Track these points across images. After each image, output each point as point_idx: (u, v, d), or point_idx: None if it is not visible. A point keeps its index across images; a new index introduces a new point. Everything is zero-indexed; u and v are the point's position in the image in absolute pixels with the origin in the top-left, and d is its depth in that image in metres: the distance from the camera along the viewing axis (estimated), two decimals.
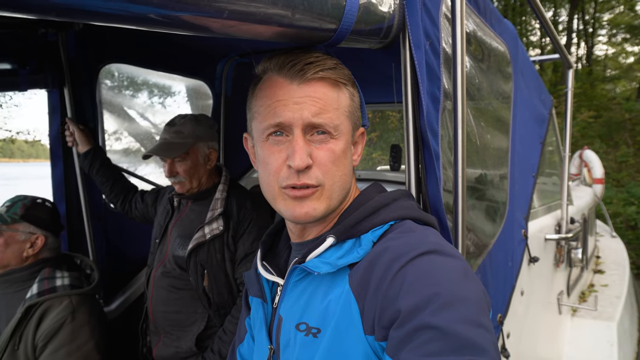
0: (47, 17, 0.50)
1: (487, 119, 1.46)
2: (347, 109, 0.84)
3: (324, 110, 0.79)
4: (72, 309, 1.58)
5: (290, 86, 0.79)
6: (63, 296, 1.60)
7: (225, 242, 1.77)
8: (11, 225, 1.65)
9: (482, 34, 1.41)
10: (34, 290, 1.60)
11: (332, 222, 0.88)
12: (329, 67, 0.80)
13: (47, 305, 1.56)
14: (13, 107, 11.22)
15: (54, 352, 1.50)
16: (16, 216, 1.67)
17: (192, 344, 1.75)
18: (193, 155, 1.81)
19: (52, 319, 1.54)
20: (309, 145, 0.79)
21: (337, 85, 0.82)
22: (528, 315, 1.89)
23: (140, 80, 2.70)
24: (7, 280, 1.65)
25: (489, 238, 1.43)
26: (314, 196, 0.80)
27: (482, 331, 0.63)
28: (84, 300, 1.65)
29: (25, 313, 1.54)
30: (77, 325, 1.57)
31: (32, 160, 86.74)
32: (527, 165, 2.03)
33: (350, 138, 0.86)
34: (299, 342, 0.80)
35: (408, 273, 0.69)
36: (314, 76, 0.78)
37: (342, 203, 0.87)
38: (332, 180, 0.81)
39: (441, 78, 1.04)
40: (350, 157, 0.87)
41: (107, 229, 2.31)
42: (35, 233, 1.70)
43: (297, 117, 0.78)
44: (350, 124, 0.85)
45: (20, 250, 1.66)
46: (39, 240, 1.70)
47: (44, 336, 1.51)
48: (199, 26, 0.61)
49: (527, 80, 2.01)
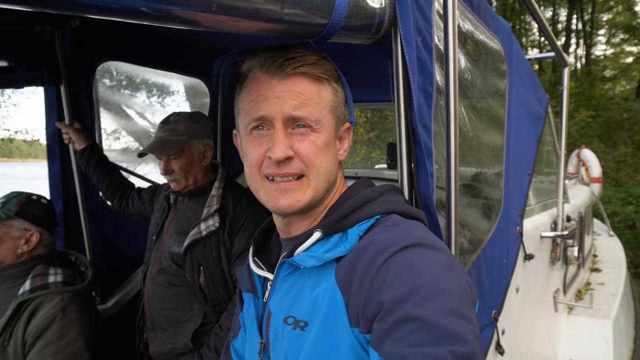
0: (38, 8, 0.50)
1: (482, 116, 1.46)
2: (330, 103, 0.85)
3: (305, 104, 0.81)
4: (63, 306, 1.57)
5: (272, 81, 0.81)
6: (55, 293, 1.59)
7: (221, 238, 1.77)
8: (6, 222, 1.65)
9: (476, 31, 1.41)
10: (26, 286, 1.60)
11: (319, 217, 0.89)
12: (310, 62, 0.82)
13: (39, 301, 1.56)
14: (11, 106, 11.19)
15: (42, 349, 1.49)
16: (11, 212, 1.66)
17: (188, 340, 1.75)
18: (188, 152, 1.81)
19: (42, 316, 1.53)
20: (290, 138, 0.81)
21: (319, 80, 0.84)
22: (523, 312, 1.89)
23: (137, 79, 2.71)
24: (0, 277, 1.65)
25: (483, 234, 1.44)
26: (298, 188, 0.82)
27: (464, 322, 0.64)
28: (76, 297, 1.64)
29: (16, 309, 1.53)
30: (67, 322, 1.55)
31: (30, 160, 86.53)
32: (522, 163, 2.03)
33: (334, 132, 0.87)
34: (287, 336, 0.81)
35: (392, 266, 0.69)
36: (294, 71, 0.81)
37: (328, 197, 0.89)
38: (316, 171, 0.83)
39: (434, 74, 1.04)
40: (335, 151, 0.88)
41: (103, 227, 2.31)
42: (29, 230, 1.69)
43: (277, 110, 0.80)
44: (334, 118, 0.86)
45: (15, 246, 1.66)
46: (33, 237, 1.69)
47: (33, 332, 1.50)
48: (188, 20, 0.61)
49: (523, 77, 2.02)
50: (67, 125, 2.06)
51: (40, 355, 1.48)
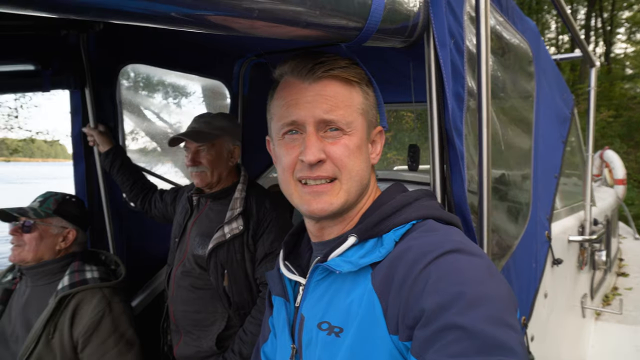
0: (71, 16, 0.50)
1: (510, 118, 1.44)
2: (361, 106, 0.85)
3: (336, 107, 0.81)
4: (107, 301, 1.63)
5: (302, 85, 0.82)
6: (95, 289, 1.65)
7: (245, 241, 1.77)
8: (45, 220, 1.71)
9: (505, 32, 1.39)
10: (65, 282, 1.65)
11: (353, 221, 0.88)
12: (340, 66, 0.82)
13: (80, 297, 1.61)
14: (33, 108, 11.47)
15: (101, 344, 1.57)
16: (49, 211, 1.72)
17: (212, 344, 1.75)
18: (218, 146, 1.83)
19: (89, 314, 1.59)
20: (322, 141, 0.81)
21: (349, 83, 0.83)
22: (551, 318, 1.85)
23: (159, 81, 2.73)
24: (38, 272, 1.70)
25: (512, 239, 1.41)
26: (331, 191, 0.82)
27: (509, 330, 0.62)
28: (115, 292, 1.71)
29: (58, 303, 1.59)
30: (115, 315, 1.63)
31: (51, 160, 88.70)
32: (549, 166, 1.99)
33: (366, 136, 0.86)
34: (321, 341, 0.80)
35: (432, 272, 0.68)
36: (324, 74, 0.81)
37: (361, 201, 0.88)
38: (348, 174, 0.82)
39: (465, 77, 1.03)
40: (367, 154, 0.87)
41: (127, 227, 2.34)
42: (67, 227, 1.76)
43: (309, 114, 0.80)
44: (365, 121, 0.86)
45: (54, 243, 1.72)
46: (70, 235, 1.76)
47: (85, 331, 1.56)
48: (228, 26, 0.61)
49: (549, 78, 1.98)
50: (92, 129, 2.09)
51: (102, 349, 1.56)
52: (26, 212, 1.68)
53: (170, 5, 0.54)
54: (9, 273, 1.83)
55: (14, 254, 1.67)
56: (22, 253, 1.66)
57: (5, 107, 14.40)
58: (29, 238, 1.67)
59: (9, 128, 10.95)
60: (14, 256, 1.67)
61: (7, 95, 13.90)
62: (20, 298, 1.71)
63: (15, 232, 1.67)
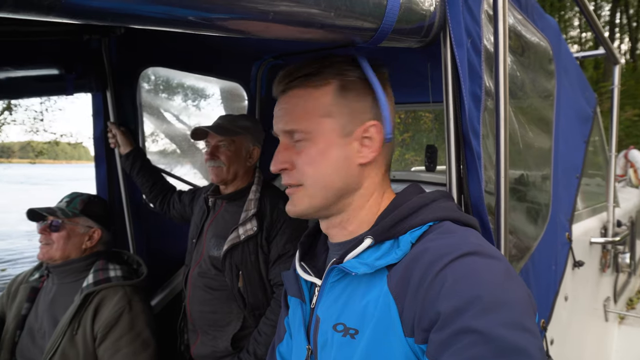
0: (92, 21, 0.52)
1: (529, 118, 1.42)
2: (327, 108, 0.83)
3: (294, 118, 0.85)
4: (128, 299, 1.68)
5: (277, 99, 0.90)
6: (117, 286, 1.70)
7: (259, 243, 1.78)
8: (72, 219, 1.76)
9: (524, 30, 1.37)
10: (89, 279, 1.70)
11: (351, 225, 0.88)
12: (304, 74, 0.85)
13: (103, 294, 1.66)
14: (57, 111, 11.80)
15: (117, 341, 1.60)
16: (76, 210, 1.78)
17: (228, 344, 1.77)
18: (238, 144, 1.86)
19: (110, 310, 1.63)
20: (291, 149, 0.87)
21: (314, 88, 0.84)
22: (572, 321, 1.82)
23: (178, 84, 2.77)
24: (65, 270, 1.76)
25: (531, 241, 1.39)
26: (296, 195, 0.87)
27: (528, 335, 0.61)
28: (136, 291, 1.75)
29: (83, 300, 1.64)
30: (134, 314, 1.67)
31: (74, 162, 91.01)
32: (570, 166, 1.96)
33: (339, 136, 0.84)
34: (337, 343, 0.80)
35: (448, 275, 0.67)
36: (286, 87, 0.87)
37: (351, 204, 0.87)
38: (311, 180, 0.85)
39: (482, 76, 1.02)
40: (344, 155, 0.84)
41: (147, 228, 2.38)
42: (92, 227, 1.81)
43: (277, 127, 0.88)
44: (335, 122, 0.84)
45: (80, 242, 1.77)
46: (95, 234, 1.82)
47: (104, 326, 1.61)
48: (243, 29, 0.62)
49: (571, 77, 1.94)
50: (115, 125, 2.14)
51: (116, 346, 1.60)
52: (54, 212, 1.74)
53: (188, 10, 0.55)
54: (36, 272, 1.89)
55: (43, 252, 1.73)
56: (50, 251, 1.72)
57: (32, 111, 14.87)
58: (57, 237, 1.73)
59: (34, 131, 11.28)
60: (43, 254, 1.73)
61: (32, 99, 14.36)
62: (47, 295, 1.76)
63: (44, 231, 1.73)
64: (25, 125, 14.38)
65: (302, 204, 0.87)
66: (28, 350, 1.69)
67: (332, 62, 0.86)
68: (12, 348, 1.72)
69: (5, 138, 12.10)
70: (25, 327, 1.74)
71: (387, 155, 0.91)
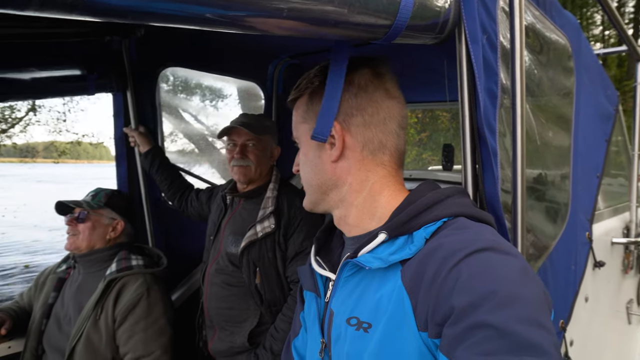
0: (112, 19, 0.54)
1: (547, 116, 1.40)
2: (302, 115, 0.93)
3: (293, 127, 0.96)
4: (147, 286, 1.75)
5: None
6: (138, 274, 1.78)
7: (277, 240, 1.80)
8: (97, 211, 1.86)
9: (542, 27, 1.35)
10: (112, 268, 1.79)
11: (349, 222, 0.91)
12: (297, 88, 0.93)
13: (125, 281, 1.75)
14: (79, 112, 12.09)
15: (134, 325, 1.68)
16: (101, 203, 1.88)
17: (245, 340, 1.79)
18: (265, 143, 1.90)
19: (130, 295, 1.71)
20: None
21: (298, 100, 0.94)
22: (593, 323, 1.78)
23: (196, 83, 2.82)
24: (90, 260, 1.85)
25: (549, 240, 1.37)
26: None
27: (543, 332, 0.60)
28: (156, 280, 1.82)
29: (106, 286, 1.73)
30: (151, 301, 1.74)
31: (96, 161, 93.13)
32: (591, 165, 1.92)
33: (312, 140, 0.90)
34: (350, 337, 0.80)
35: (463, 270, 0.67)
36: (290, 101, 0.97)
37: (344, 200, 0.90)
38: (303, 179, 0.95)
39: (498, 73, 1.01)
40: (320, 156, 0.89)
41: (166, 225, 2.42)
42: (116, 219, 1.91)
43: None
44: (307, 127, 0.91)
45: (104, 233, 1.87)
46: (119, 226, 1.91)
47: (123, 310, 1.69)
48: (257, 26, 0.63)
49: (592, 74, 1.90)
50: (133, 130, 2.19)
51: (132, 330, 1.67)
52: (80, 204, 1.84)
53: (205, 7, 0.57)
54: (63, 264, 1.99)
55: (70, 242, 1.83)
56: (77, 241, 1.82)
57: (55, 112, 15.27)
58: (83, 227, 1.82)
59: (57, 131, 11.58)
60: (70, 244, 1.83)
61: (56, 100, 14.74)
62: (73, 284, 1.85)
63: (71, 222, 1.83)
64: (49, 125, 14.77)
65: (305, 199, 0.97)
66: (55, 337, 1.77)
67: (308, 74, 0.92)
68: (39, 336, 1.81)
69: (30, 138, 12.45)
70: (52, 315, 1.83)
71: (373, 150, 0.88)
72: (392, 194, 0.90)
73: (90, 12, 0.48)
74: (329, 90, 0.86)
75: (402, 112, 0.92)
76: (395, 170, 0.92)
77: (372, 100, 0.87)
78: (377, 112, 0.87)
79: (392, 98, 0.90)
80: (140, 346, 1.66)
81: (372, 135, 0.87)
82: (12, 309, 1.91)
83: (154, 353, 1.67)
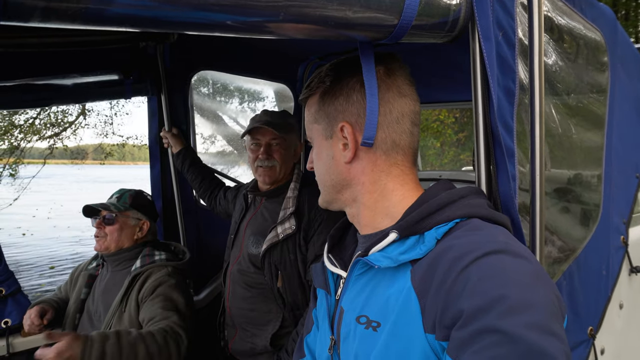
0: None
1: (575, 114, 1.34)
2: (314, 115, 0.93)
3: (305, 126, 0.98)
4: (168, 274, 1.84)
5: None
6: (161, 265, 1.87)
7: (298, 242, 1.76)
8: (124, 212, 1.94)
9: (570, 21, 1.30)
10: (137, 264, 1.88)
11: (360, 219, 0.92)
12: (308, 86, 0.93)
13: (148, 272, 1.84)
14: (125, 115, 12.66)
15: (153, 299, 1.75)
16: (126, 205, 1.95)
17: (267, 343, 1.77)
18: (290, 141, 1.87)
19: (152, 281, 1.80)
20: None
21: (310, 99, 0.95)
22: (629, 331, 1.69)
23: (226, 86, 2.89)
24: (118, 259, 1.94)
25: (576, 243, 1.32)
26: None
27: (553, 339, 0.58)
28: (176, 272, 1.90)
29: (131, 281, 1.82)
30: (172, 285, 1.81)
31: (140, 163, 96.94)
32: (629, 165, 1.82)
33: (325, 138, 0.91)
34: (359, 335, 0.81)
35: (473, 272, 0.65)
36: (302, 100, 0.98)
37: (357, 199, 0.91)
38: (317, 178, 0.97)
39: (516, 70, 0.98)
40: (332, 155, 0.90)
41: (197, 223, 2.50)
42: (141, 219, 1.99)
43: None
44: (320, 126, 0.92)
45: (132, 233, 1.95)
46: (144, 225, 1.99)
47: (146, 293, 1.77)
48: (256, 29, 0.65)
49: (629, 69, 1.80)
50: (167, 132, 2.27)
51: (151, 304, 1.74)
52: (107, 207, 1.90)
53: (206, 13, 0.60)
54: (93, 261, 2.08)
55: (99, 244, 1.91)
56: (106, 243, 1.89)
57: (103, 115, 16.11)
58: (111, 230, 1.89)
59: (104, 134, 12.16)
60: (99, 245, 1.91)
61: (104, 104, 15.55)
62: (102, 282, 1.94)
63: (100, 225, 1.90)
64: (97, 128, 15.53)
65: (320, 197, 0.99)
66: (87, 331, 1.85)
67: (319, 72, 0.92)
68: (74, 330, 1.91)
69: (79, 141, 13.15)
70: (85, 311, 1.93)
71: (387, 150, 0.88)
72: (405, 193, 0.89)
73: (90, 21, 0.52)
74: (369, 96, 0.85)
75: (415, 109, 0.91)
76: (409, 169, 0.91)
77: (384, 100, 0.87)
78: (389, 112, 0.87)
79: (404, 96, 0.89)
80: (159, 311, 1.70)
81: (385, 136, 0.87)
82: (54, 300, 2.03)
83: (170, 318, 1.69)
